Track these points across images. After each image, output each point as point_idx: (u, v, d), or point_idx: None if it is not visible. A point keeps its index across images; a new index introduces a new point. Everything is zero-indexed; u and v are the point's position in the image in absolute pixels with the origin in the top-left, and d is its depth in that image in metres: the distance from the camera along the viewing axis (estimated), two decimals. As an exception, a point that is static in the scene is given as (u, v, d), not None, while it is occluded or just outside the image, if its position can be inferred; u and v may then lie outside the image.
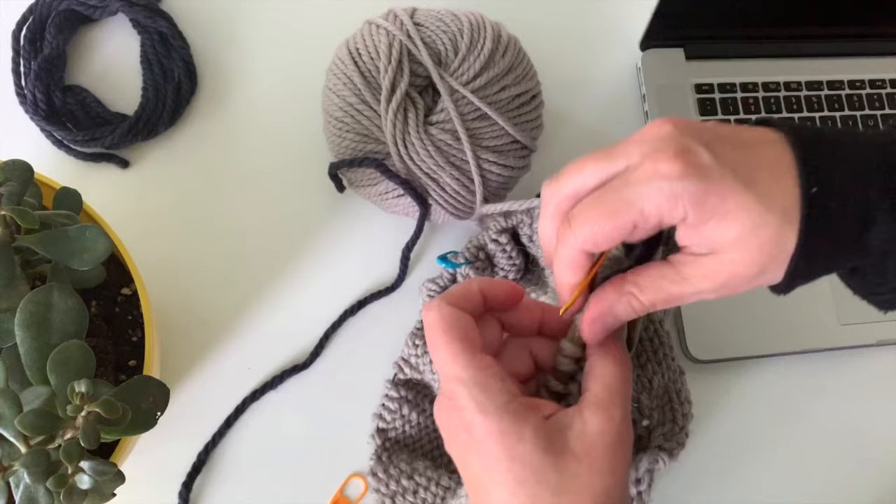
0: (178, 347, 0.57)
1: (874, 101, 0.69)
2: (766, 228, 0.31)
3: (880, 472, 0.60)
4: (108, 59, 0.64)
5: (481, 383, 0.33)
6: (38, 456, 0.34)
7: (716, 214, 0.31)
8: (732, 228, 0.31)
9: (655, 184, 0.31)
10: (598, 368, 0.35)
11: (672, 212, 0.31)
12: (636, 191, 0.31)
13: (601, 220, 0.32)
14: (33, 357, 0.37)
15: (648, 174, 0.31)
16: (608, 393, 0.34)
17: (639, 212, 0.31)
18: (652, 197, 0.31)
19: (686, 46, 0.68)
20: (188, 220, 0.60)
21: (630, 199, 0.31)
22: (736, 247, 0.32)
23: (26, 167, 0.42)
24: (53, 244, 0.40)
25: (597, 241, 0.33)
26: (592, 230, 0.32)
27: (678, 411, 0.49)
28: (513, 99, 0.56)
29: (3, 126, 0.62)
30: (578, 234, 0.33)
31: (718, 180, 0.31)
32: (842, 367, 0.62)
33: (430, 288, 0.55)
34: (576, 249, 0.33)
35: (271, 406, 0.57)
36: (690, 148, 0.31)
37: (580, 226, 0.33)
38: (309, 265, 0.60)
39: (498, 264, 0.55)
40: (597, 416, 0.33)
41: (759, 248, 0.31)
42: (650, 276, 0.34)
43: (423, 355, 0.53)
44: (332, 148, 0.58)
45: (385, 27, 0.55)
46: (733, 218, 0.31)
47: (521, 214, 0.54)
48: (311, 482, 0.55)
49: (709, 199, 0.31)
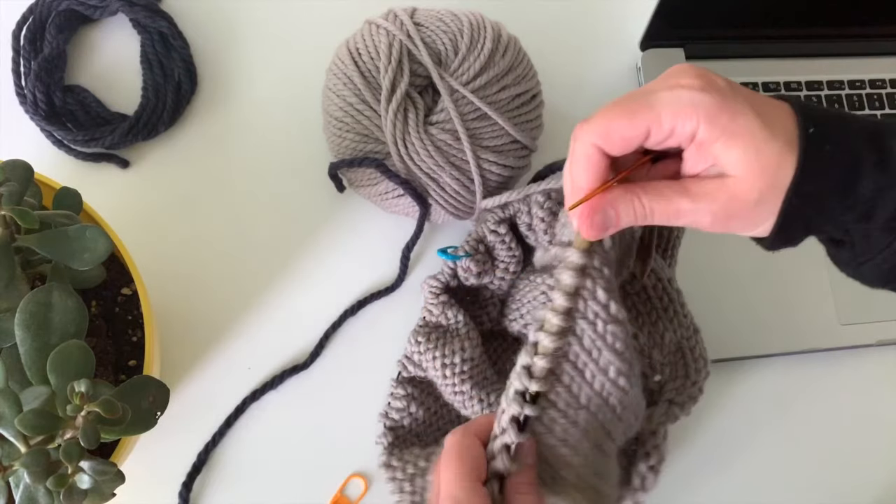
0: (178, 347, 0.57)
1: (874, 101, 0.69)
2: (769, 153, 0.33)
3: (880, 472, 0.60)
4: (108, 59, 0.64)
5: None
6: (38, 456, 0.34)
7: (724, 133, 0.33)
8: (738, 148, 0.33)
9: (677, 92, 0.33)
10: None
11: (686, 121, 0.33)
12: (658, 96, 0.33)
13: (619, 116, 0.34)
14: (33, 357, 0.37)
15: (670, 85, 0.34)
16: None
17: (657, 115, 0.33)
18: (672, 103, 0.33)
19: (686, 46, 0.68)
20: (188, 220, 0.60)
21: (651, 101, 0.33)
22: (739, 166, 0.33)
23: (26, 167, 0.42)
24: (53, 244, 0.40)
25: (611, 137, 0.34)
26: (608, 124, 0.34)
27: (691, 367, 0.49)
28: (513, 99, 0.56)
29: (3, 126, 0.62)
30: (593, 126, 0.34)
31: (732, 101, 0.33)
32: (842, 367, 0.62)
33: (432, 284, 0.55)
34: (589, 143, 0.35)
35: (271, 406, 0.57)
36: (709, 74, 0.34)
37: (596, 120, 0.34)
38: (309, 265, 0.60)
39: (498, 256, 0.55)
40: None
41: (761, 172, 0.33)
42: (657, 185, 0.36)
43: (425, 352, 0.53)
44: (332, 148, 0.58)
45: (385, 27, 0.55)
46: (740, 138, 0.33)
47: (517, 203, 0.54)
48: (311, 482, 0.55)
49: (721, 116, 0.33)
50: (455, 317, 0.54)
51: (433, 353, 0.53)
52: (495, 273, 0.55)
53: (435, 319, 0.54)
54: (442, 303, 0.54)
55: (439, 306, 0.54)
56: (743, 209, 0.34)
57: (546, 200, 0.52)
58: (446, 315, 0.54)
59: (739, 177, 0.34)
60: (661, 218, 0.36)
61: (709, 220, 0.35)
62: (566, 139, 0.65)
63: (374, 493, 0.55)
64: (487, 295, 0.58)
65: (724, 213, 0.35)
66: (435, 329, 0.54)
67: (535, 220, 0.52)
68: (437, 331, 0.54)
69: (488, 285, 0.56)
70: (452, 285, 0.55)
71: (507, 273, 0.55)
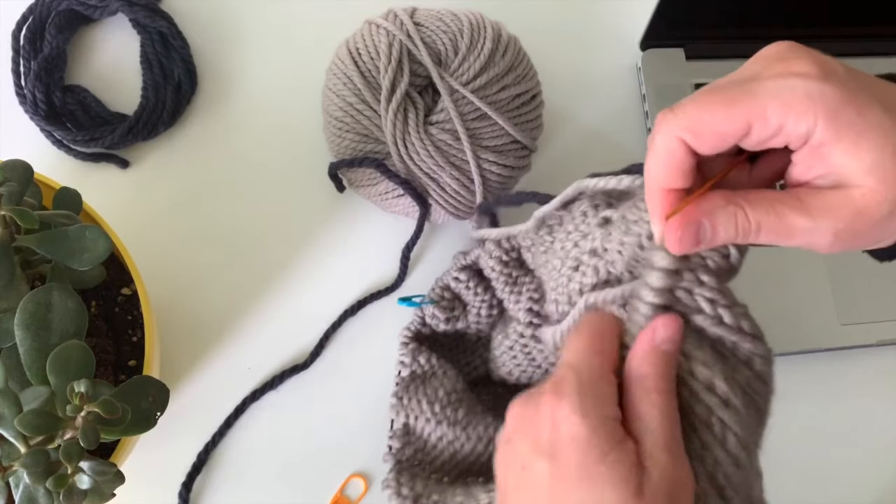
0: (178, 347, 0.57)
1: (874, 101, 0.69)
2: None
3: (880, 472, 0.60)
4: (108, 59, 0.64)
5: (595, 383, 0.31)
6: (37, 456, 0.34)
7: (851, 133, 0.27)
8: (869, 152, 0.27)
9: (790, 81, 0.27)
10: (641, 414, 0.31)
11: (801, 118, 0.27)
12: (765, 84, 0.27)
13: (714, 106, 0.28)
14: (33, 357, 0.37)
15: (781, 71, 0.27)
16: (655, 445, 0.30)
17: (762, 107, 0.27)
18: (783, 94, 0.27)
19: (686, 46, 0.68)
20: (188, 220, 0.60)
21: (756, 90, 0.27)
22: (870, 175, 0.27)
23: (26, 167, 0.42)
24: (53, 244, 0.40)
25: (702, 131, 0.28)
26: (700, 115, 0.28)
27: None
28: (513, 99, 0.56)
29: (3, 126, 0.62)
30: (682, 116, 0.28)
31: (856, 93, 0.27)
32: (842, 367, 0.62)
33: (403, 334, 0.55)
34: (674, 135, 0.28)
35: (271, 406, 0.57)
36: (825, 58, 0.28)
37: (686, 108, 0.28)
38: (309, 265, 0.60)
39: (469, 302, 0.55)
40: (660, 461, 0.29)
41: (895, 181, 0.27)
42: (765, 195, 0.29)
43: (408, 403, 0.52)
44: (332, 148, 0.58)
45: (385, 27, 0.55)
46: (869, 140, 0.27)
47: (478, 248, 0.53)
48: (311, 482, 0.55)
49: (845, 111, 0.26)
50: (427, 361, 0.54)
51: (416, 398, 0.52)
52: (468, 318, 0.55)
53: (408, 371, 0.54)
54: (412, 350, 0.54)
55: (409, 354, 0.54)
56: (873, 227, 0.28)
57: (496, 248, 0.51)
58: (418, 362, 0.54)
59: (869, 188, 0.27)
60: (769, 237, 0.29)
61: (829, 241, 0.29)
62: (566, 139, 0.66)
63: (375, 494, 0.55)
64: (473, 339, 0.58)
65: (850, 232, 0.28)
66: (412, 379, 0.54)
67: (487, 272, 0.52)
68: (413, 381, 0.53)
69: (468, 330, 0.56)
70: (425, 332, 0.55)
71: (479, 317, 0.54)
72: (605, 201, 0.40)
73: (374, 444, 0.56)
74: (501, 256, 0.51)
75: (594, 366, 0.31)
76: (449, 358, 0.57)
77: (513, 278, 0.51)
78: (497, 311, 0.55)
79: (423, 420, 0.52)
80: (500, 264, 0.51)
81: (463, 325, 0.55)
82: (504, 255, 0.51)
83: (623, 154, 0.66)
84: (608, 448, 0.29)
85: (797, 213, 0.28)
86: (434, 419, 0.51)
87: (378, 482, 0.55)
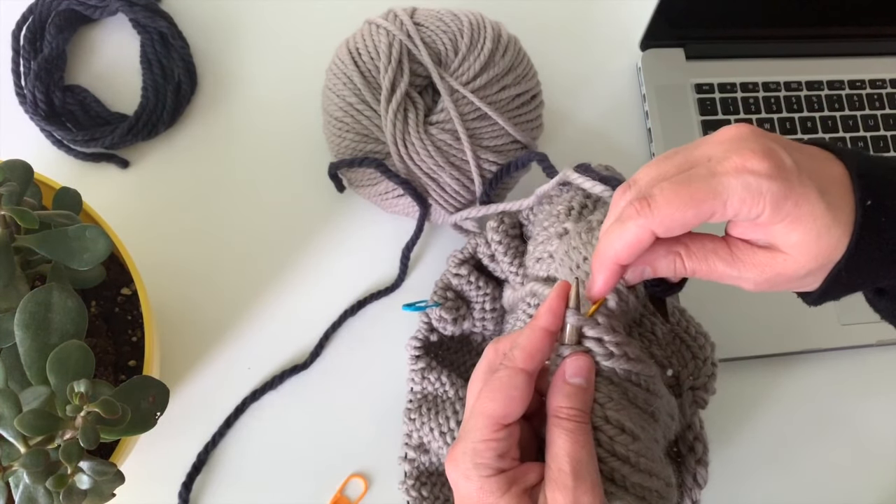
0: (178, 347, 0.57)
1: (874, 101, 0.69)
2: (829, 238, 0.33)
3: (880, 472, 0.60)
4: (108, 59, 0.64)
5: (478, 447, 0.34)
6: (37, 456, 0.34)
7: (787, 217, 0.32)
8: (798, 233, 0.33)
9: (744, 178, 0.32)
10: (551, 445, 0.34)
11: (752, 208, 0.32)
12: (724, 182, 0.32)
13: (685, 204, 0.32)
14: (33, 357, 0.37)
15: (737, 167, 0.32)
16: (559, 472, 0.33)
17: (722, 203, 0.32)
18: (739, 190, 0.32)
19: (686, 46, 0.68)
20: (188, 219, 0.60)
21: (717, 188, 0.32)
22: (795, 249, 0.33)
23: (26, 167, 0.42)
24: (53, 244, 0.40)
25: (672, 226, 0.33)
26: (672, 213, 0.32)
27: (693, 346, 0.48)
28: (513, 99, 0.56)
29: (3, 126, 0.62)
30: (657, 214, 0.33)
31: (797, 185, 0.32)
32: (842, 367, 0.62)
33: (412, 344, 0.55)
34: (648, 229, 0.33)
35: (271, 406, 0.57)
36: (776, 150, 0.32)
37: (661, 206, 0.33)
38: (309, 265, 0.60)
39: (470, 298, 0.55)
40: (553, 494, 0.33)
41: (816, 255, 0.33)
42: (703, 245, 0.35)
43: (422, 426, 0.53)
44: (332, 148, 0.58)
45: (385, 27, 0.55)
46: (803, 223, 0.32)
47: (472, 238, 0.54)
48: (311, 482, 0.55)
49: (787, 203, 0.32)
50: (438, 379, 0.54)
51: (429, 425, 0.52)
52: (473, 315, 0.55)
53: (420, 388, 0.54)
54: (421, 369, 0.54)
55: (419, 373, 0.54)
56: (788, 282, 0.35)
57: (499, 224, 0.52)
58: (429, 380, 0.54)
59: (792, 257, 0.33)
60: (702, 277, 0.36)
61: (751, 287, 0.35)
62: (566, 139, 0.66)
63: (374, 493, 0.55)
64: (479, 340, 0.58)
65: (769, 283, 0.35)
66: (424, 400, 0.54)
67: (494, 246, 0.52)
68: (426, 402, 0.53)
69: (473, 330, 0.56)
70: (433, 340, 0.55)
71: (485, 312, 0.55)
72: (580, 202, 0.47)
73: (374, 444, 0.56)
74: (508, 230, 0.52)
75: (478, 429, 0.35)
76: (456, 361, 0.57)
77: (520, 252, 0.52)
78: (500, 303, 0.55)
79: (437, 445, 0.52)
80: (507, 237, 0.52)
81: (469, 325, 0.55)
82: (510, 229, 0.52)
83: (623, 154, 0.66)
84: (494, 499, 0.34)
85: (726, 265, 0.35)
86: (446, 447, 0.52)
87: (378, 482, 0.56)
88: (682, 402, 0.46)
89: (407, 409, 0.54)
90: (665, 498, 0.37)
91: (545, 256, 0.46)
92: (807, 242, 0.33)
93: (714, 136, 0.34)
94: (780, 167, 0.32)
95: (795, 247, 0.33)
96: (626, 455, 0.35)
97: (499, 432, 0.34)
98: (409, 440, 0.54)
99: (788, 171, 0.32)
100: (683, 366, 0.48)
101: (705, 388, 0.47)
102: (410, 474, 0.53)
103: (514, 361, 0.35)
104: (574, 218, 0.46)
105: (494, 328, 0.56)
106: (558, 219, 0.47)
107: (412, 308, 0.53)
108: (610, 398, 0.36)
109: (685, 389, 0.47)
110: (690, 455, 0.46)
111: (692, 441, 0.47)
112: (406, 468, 0.54)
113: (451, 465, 0.36)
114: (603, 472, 0.35)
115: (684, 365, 0.48)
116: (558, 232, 0.46)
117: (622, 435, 0.35)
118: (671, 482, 0.38)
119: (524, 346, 0.35)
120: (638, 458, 0.35)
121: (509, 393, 0.34)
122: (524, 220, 0.53)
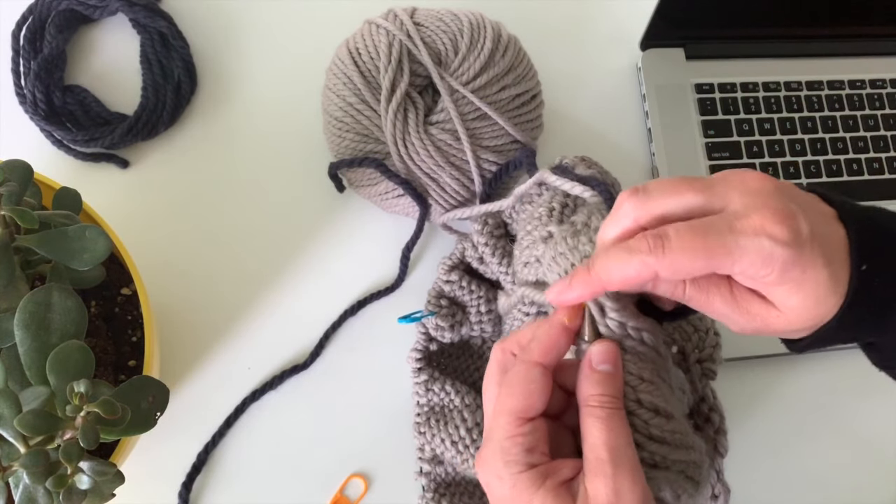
0: (178, 347, 0.57)
1: (874, 101, 0.69)
2: (826, 305, 0.33)
3: (880, 472, 0.60)
4: (108, 59, 0.64)
5: (504, 444, 0.34)
6: (37, 456, 0.34)
7: (792, 282, 0.33)
8: (798, 298, 0.33)
9: (759, 241, 0.32)
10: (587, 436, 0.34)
11: (760, 270, 0.32)
12: (740, 241, 0.32)
13: (699, 255, 0.32)
14: (33, 357, 0.37)
15: (756, 229, 0.32)
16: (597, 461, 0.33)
17: (733, 261, 0.32)
18: (751, 253, 0.32)
19: (686, 46, 0.68)
20: (188, 219, 0.60)
21: (731, 246, 0.32)
22: (792, 311, 0.34)
23: (26, 167, 0.42)
24: (53, 244, 0.40)
25: (679, 272, 0.33)
26: (683, 261, 0.32)
27: (693, 318, 0.48)
28: (513, 99, 0.56)
29: (3, 126, 0.62)
30: (668, 257, 0.32)
31: (808, 253, 0.32)
32: (842, 367, 0.62)
33: (413, 357, 0.55)
34: (654, 269, 0.33)
35: (271, 406, 0.57)
36: (796, 214, 0.33)
37: (675, 252, 0.32)
38: (309, 265, 0.60)
39: (465, 303, 0.55)
40: (593, 484, 0.32)
41: (810, 318, 0.34)
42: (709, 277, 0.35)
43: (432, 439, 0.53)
44: (332, 148, 0.58)
45: (385, 27, 0.55)
46: (804, 290, 0.33)
47: (459, 243, 0.54)
48: (311, 482, 0.55)
49: (794, 269, 0.32)
50: (442, 389, 0.54)
51: (439, 437, 0.52)
52: (470, 320, 0.55)
53: (425, 401, 0.54)
54: (424, 381, 0.54)
55: (423, 386, 0.54)
56: (775, 333, 0.36)
57: (483, 226, 0.52)
58: (434, 391, 0.54)
59: (786, 316, 0.34)
60: (693, 306, 0.36)
61: (736, 329, 0.36)
62: (566, 139, 0.66)
63: (374, 494, 0.55)
64: (478, 343, 0.57)
65: (755, 331, 0.35)
66: (431, 412, 0.54)
67: (481, 248, 0.52)
68: (433, 413, 0.54)
69: (472, 334, 0.56)
70: (433, 349, 0.55)
71: (481, 315, 0.54)
72: (561, 202, 0.46)
73: (374, 444, 0.56)
74: (493, 231, 0.52)
75: (502, 427, 0.34)
76: (458, 367, 0.57)
77: (507, 251, 0.52)
78: (496, 305, 0.55)
79: (450, 455, 0.52)
80: (493, 238, 0.52)
81: (467, 330, 0.55)
82: (494, 230, 0.52)
83: (623, 154, 0.66)
84: (528, 495, 0.33)
85: (723, 304, 0.35)
86: (459, 456, 0.52)
87: (378, 482, 0.56)
88: (690, 376, 0.46)
89: (416, 423, 0.54)
90: (701, 465, 0.37)
91: (532, 261, 0.46)
92: (805, 307, 0.33)
93: (738, 182, 0.34)
94: (796, 235, 0.32)
95: (793, 309, 0.34)
96: (663, 436, 0.35)
97: (523, 426, 0.34)
98: (422, 454, 0.54)
99: (803, 240, 0.32)
100: (687, 339, 0.48)
101: (712, 358, 0.47)
102: (429, 487, 0.53)
103: (530, 355, 0.35)
104: (556, 220, 0.45)
105: (493, 330, 0.56)
106: (541, 221, 0.46)
107: (408, 320, 0.53)
108: (640, 378, 0.35)
109: (692, 363, 0.47)
110: (708, 426, 0.47)
111: (707, 412, 0.47)
112: (423, 482, 0.54)
113: (480, 468, 0.35)
114: (644, 458, 0.34)
115: (687, 339, 0.48)
116: (542, 236, 0.45)
117: (657, 417, 0.35)
118: (702, 447, 0.38)
119: (541, 339, 0.36)
120: (674, 437, 0.35)
121: (527, 387, 0.34)
122: (507, 219, 0.53)
